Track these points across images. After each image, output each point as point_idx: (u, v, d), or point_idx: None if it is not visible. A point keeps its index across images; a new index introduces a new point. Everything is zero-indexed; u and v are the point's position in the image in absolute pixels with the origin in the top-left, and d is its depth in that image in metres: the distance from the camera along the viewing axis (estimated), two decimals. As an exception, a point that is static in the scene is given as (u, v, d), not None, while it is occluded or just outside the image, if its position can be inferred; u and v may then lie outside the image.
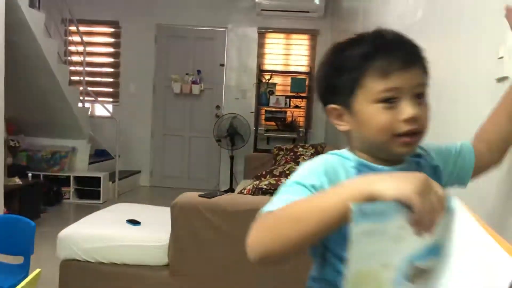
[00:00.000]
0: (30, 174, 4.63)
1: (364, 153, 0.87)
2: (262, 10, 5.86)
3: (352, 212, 0.61)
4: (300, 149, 5.36)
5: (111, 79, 6.46)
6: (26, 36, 4.21)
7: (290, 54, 6.35)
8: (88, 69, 6.08)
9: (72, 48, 6.09)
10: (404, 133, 0.79)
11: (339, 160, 0.86)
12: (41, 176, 5.07)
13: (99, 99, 6.18)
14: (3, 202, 3.68)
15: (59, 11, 5.80)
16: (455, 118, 1.59)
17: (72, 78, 5.73)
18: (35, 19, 4.25)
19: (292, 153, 5.03)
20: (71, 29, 6.02)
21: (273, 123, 6.09)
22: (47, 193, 4.91)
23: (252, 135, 6.00)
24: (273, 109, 6.02)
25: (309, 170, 0.83)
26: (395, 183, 0.64)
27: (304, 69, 6.26)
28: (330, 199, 0.67)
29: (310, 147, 5.41)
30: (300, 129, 6.11)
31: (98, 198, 5.20)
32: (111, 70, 6.45)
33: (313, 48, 6.21)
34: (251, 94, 6.24)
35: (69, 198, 5.24)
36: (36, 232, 2.24)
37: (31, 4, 4.35)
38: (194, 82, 6.24)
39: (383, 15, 2.93)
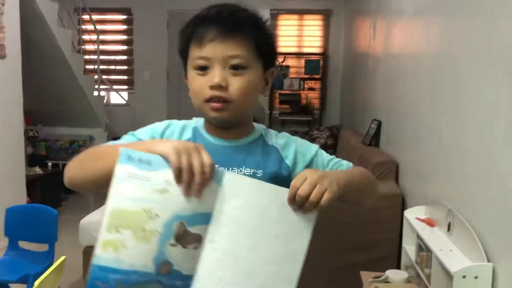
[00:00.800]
0: (50, 164, 4.71)
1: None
2: (273, -9, 5.80)
3: (119, 154, 0.71)
4: (315, 132, 5.34)
5: (125, 67, 6.48)
6: (40, 27, 4.24)
7: (303, 35, 6.27)
8: (102, 57, 6.09)
9: (86, 37, 6.12)
10: (210, 99, 0.85)
11: (189, 123, 0.95)
12: (61, 165, 5.16)
13: (114, 87, 6.22)
14: (25, 191, 3.76)
15: (71, 0, 5.82)
16: (471, 97, 1.56)
17: (87, 67, 5.77)
18: (48, 9, 4.28)
19: (307, 137, 5.01)
20: (84, 18, 6.04)
21: (288, 106, 6.06)
22: (67, 182, 5.00)
23: (267, 119, 5.98)
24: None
25: (150, 126, 0.94)
26: (166, 143, 0.74)
27: (317, 50, 6.19)
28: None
29: (326, 129, 5.39)
30: (315, 112, 6.08)
31: (117, 185, 5.26)
32: (125, 57, 6.47)
33: (326, 28, 6.13)
34: (264, 77, 6.19)
35: (88, 186, 5.32)
36: (58, 220, 2.29)
37: (44, -5, 4.37)
38: (207, 67, 6.23)
39: (397, -7, 2.87)
